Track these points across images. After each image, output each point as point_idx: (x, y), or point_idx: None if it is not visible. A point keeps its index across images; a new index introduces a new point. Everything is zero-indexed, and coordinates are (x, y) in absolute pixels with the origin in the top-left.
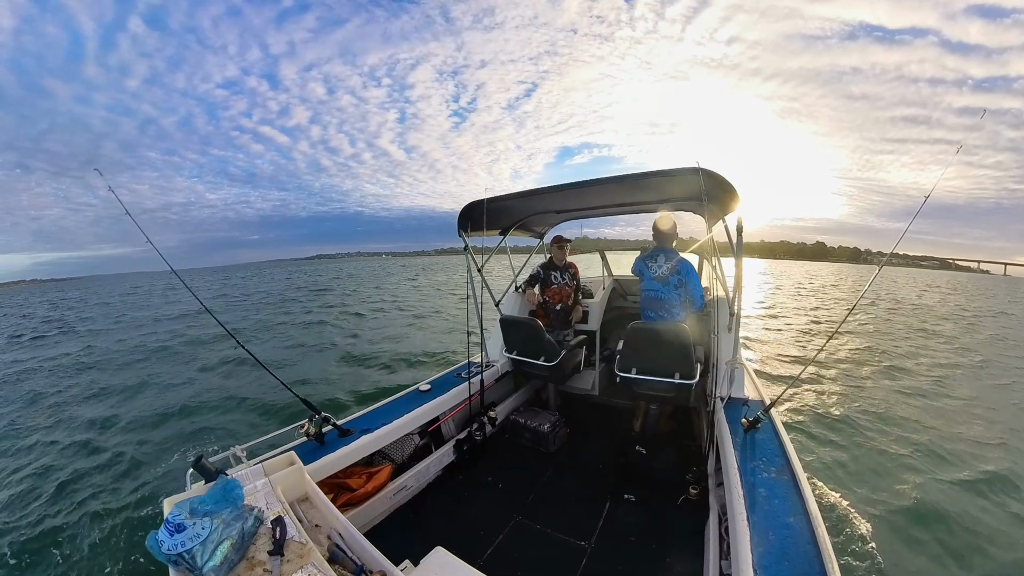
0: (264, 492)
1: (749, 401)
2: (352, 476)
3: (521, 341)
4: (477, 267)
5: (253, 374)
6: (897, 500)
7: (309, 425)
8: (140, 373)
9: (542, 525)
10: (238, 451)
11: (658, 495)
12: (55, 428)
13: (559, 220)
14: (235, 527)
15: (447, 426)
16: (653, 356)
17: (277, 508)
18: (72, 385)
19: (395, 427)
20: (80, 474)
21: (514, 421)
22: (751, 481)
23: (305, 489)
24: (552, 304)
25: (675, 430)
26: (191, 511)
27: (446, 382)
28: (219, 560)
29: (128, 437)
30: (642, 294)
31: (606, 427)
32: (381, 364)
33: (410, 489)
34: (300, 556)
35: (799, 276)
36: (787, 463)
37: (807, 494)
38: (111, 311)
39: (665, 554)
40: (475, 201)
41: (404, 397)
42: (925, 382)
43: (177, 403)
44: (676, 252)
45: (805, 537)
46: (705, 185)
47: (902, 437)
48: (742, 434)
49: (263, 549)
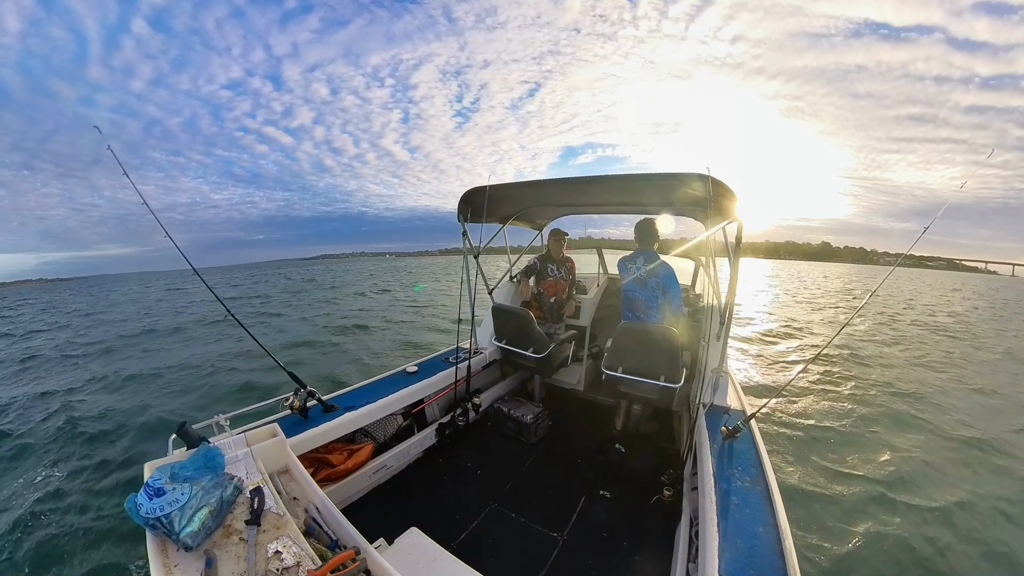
0: (245, 462)
1: (731, 410)
2: (333, 452)
3: (511, 331)
4: (474, 253)
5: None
6: (869, 518)
7: (294, 399)
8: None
9: (517, 514)
10: (221, 419)
11: (633, 494)
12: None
13: (560, 213)
14: (214, 494)
15: (431, 409)
16: (640, 357)
17: (257, 478)
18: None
19: (379, 406)
20: (60, 436)
21: (498, 409)
22: (725, 488)
23: (286, 461)
24: (546, 296)
25: (655, 432)
26: (171, 476)
27: (433, 365)
28: (196, 526)
29: (115, 399)
30: (622, 293)
31: (588, 423)
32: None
33: (390, 469)
34: (276, 527)
35: (812, 277)
36: (762, 474)
37: (778, 506)
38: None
39: (635, 552)
40: (478, 187)
41: (390, 377)
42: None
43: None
44: (656, 255)
45: (772, 548)
46: (712, 192)
47: (891, 453)
48: (721, 442)
49: (240, 518)
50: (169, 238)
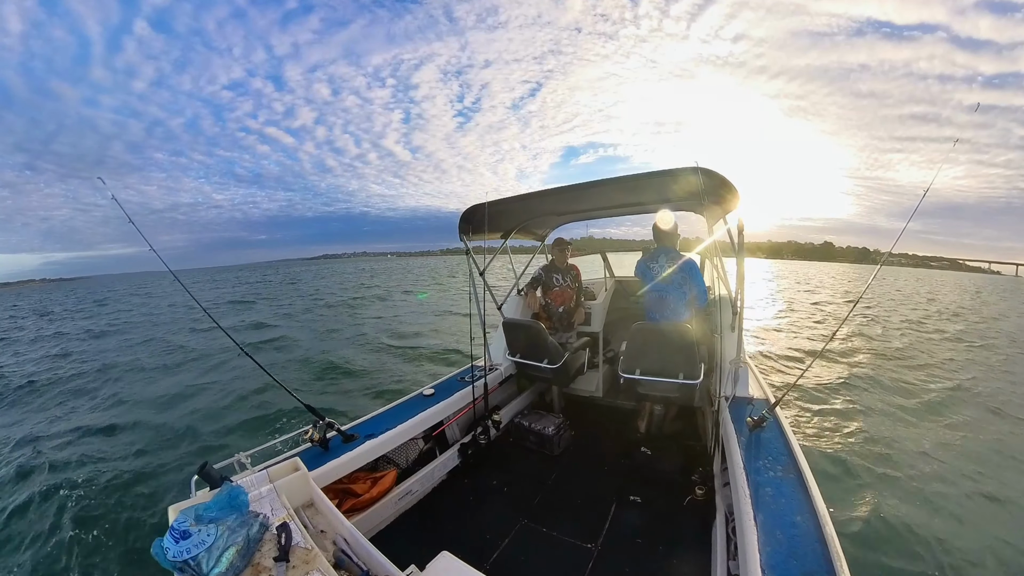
0: (269, 498)
1: (754, 400)
2: (357, 481)
3: (524, 344)
4: (479, 271)
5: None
6: (907, 497)
7: (313, 431)
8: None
9: (548, 528)
10: (243, 457)
11: (664, 496)
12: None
13: (560, 222)
14: (240, 533)
15: (451, 430)
16: (657, 356)
17: (282, 514)
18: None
19: (399, 432)
20: (80, 481)
21: (518, 424)
22: (757, 480)
23: (310, 495)
24: (554, 306)
25: (680, 430)
26: (196, 518)
27: (450, 386)
28: (225, 567)
29: (130, 442)
30: (646, 296)
31: (611, 429)
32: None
33: (415, 494)
34: (306, 562)
35: (819, 278)
36: (793, 461)
37: (814, 492)
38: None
39: (672, 555)
40: (476, 205)
41: (408, 402)
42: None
43: (181, 410)
44: (677, 251)
45: (813, 536)
46: (704, 184)
47: (914, 433)
48: (747, 433)
49: (268, 555)
50: (153, 251)
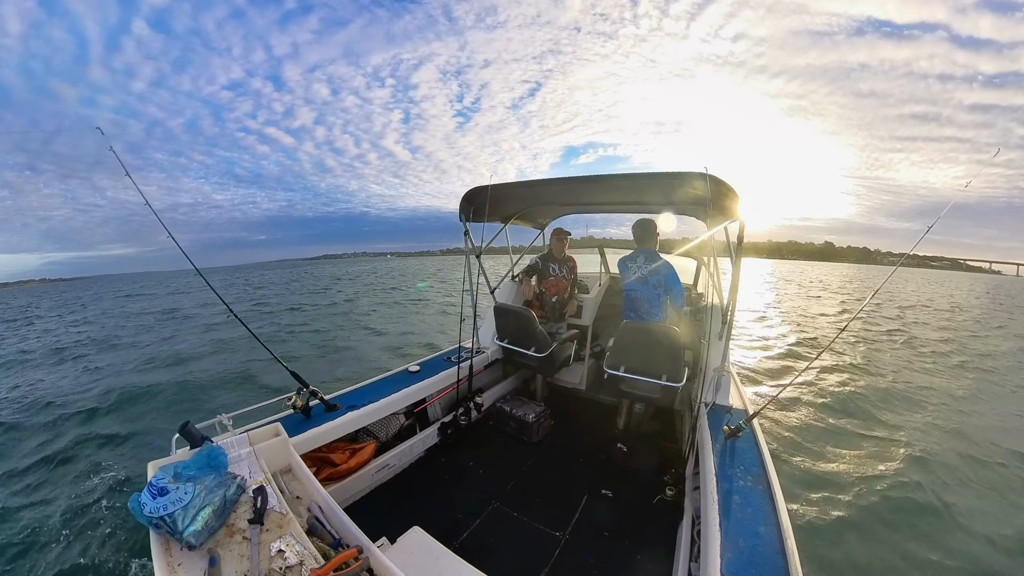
0: (248, 461)
1: (733, 409)
2: (336, 451)
3: (513, 330)
4: (476, 252)
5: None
6: (870, 516)
7: (296, 398)
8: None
9: (519, 513)
10: (224, 419)
11: (635, 493)
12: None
13: (561, 212)
14: (217, 494)
15: (433, 408)
16: (642, 356)
17: (260, 477)
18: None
19: (381, 405)
20: (68, 434)
21: (500, 409)
22: (727, 488)
23: (289, 460)
24: (548, 296)
25: (658, 431)
26: (175, 475)
27: (435, 365)
28: (200, 525)
29: (118, 404)
30: (624, 293)
31: (590, 422)
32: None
33: (392, 468)
34: (279, 526)
35: (828, 279)
36: (764, 473)
37: (780, 505)
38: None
39: (637, 551)
40: (479, 186)
41: (393, 376)
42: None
43: (171, 369)
44: (656, 253)
45: (774, 547)
46: (711, 191)
47: (889, 456)
48: (723, 441)
49: (243, 517)
50: (172, 238)
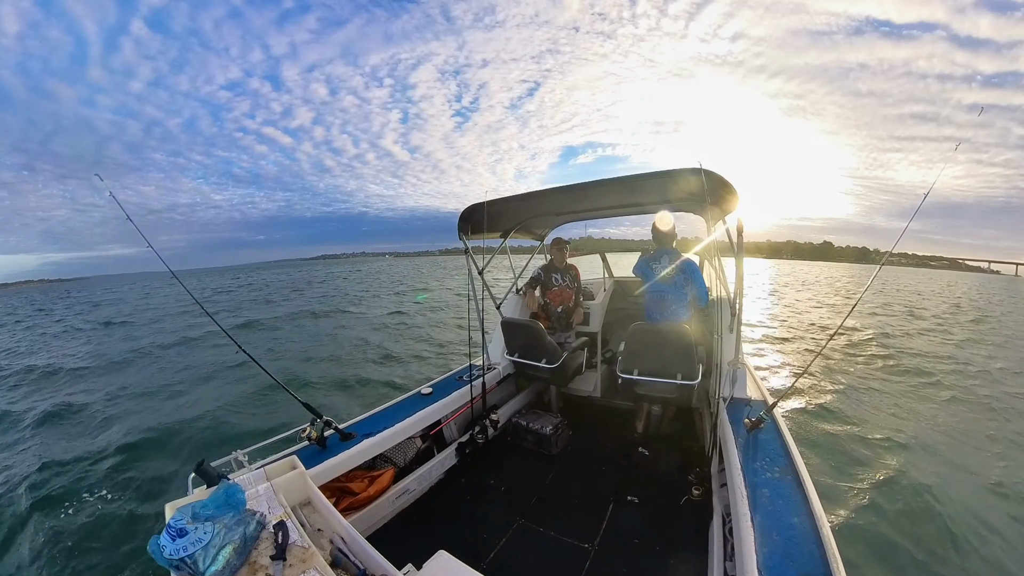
0: (266, 496)
1: (752, 401)
2: (354, 480)
3: (522, 344)
4: (478, 270)
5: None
6: (903, 497)
7: (311, 429)
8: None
9: (545, 528)
10: (240, 455)
11: (661, 496)
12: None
13: (559, 222)
14: (237, 532)
15: (449, 429)
16: (655, 357)
17: (279, 512)
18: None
19: (397, 431)
20: (79, 479)
21: (516, 424)
22: (754, 482)
23: (307, 493)
24: (553, 306)
25: (678, 431)
26: (193, 516)
27: (447, 385)
28: (221, 565)
29: (128, 441)
30: (646, 295)
31: (608, 429)
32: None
33: (412, 493)
34: (302, 560)
35: (830, 282)
36: (790, 463)
37: (811, 494)
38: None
39: (669, 556)
40: (475, 204)
41: (405, 400)
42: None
43: (179, 408)
44: (678, 252)
45: (809, 537)
46: (706, 185)
47: (909, 434)
48: (745, 434)
49: (265, 554)
50: (151, 247)
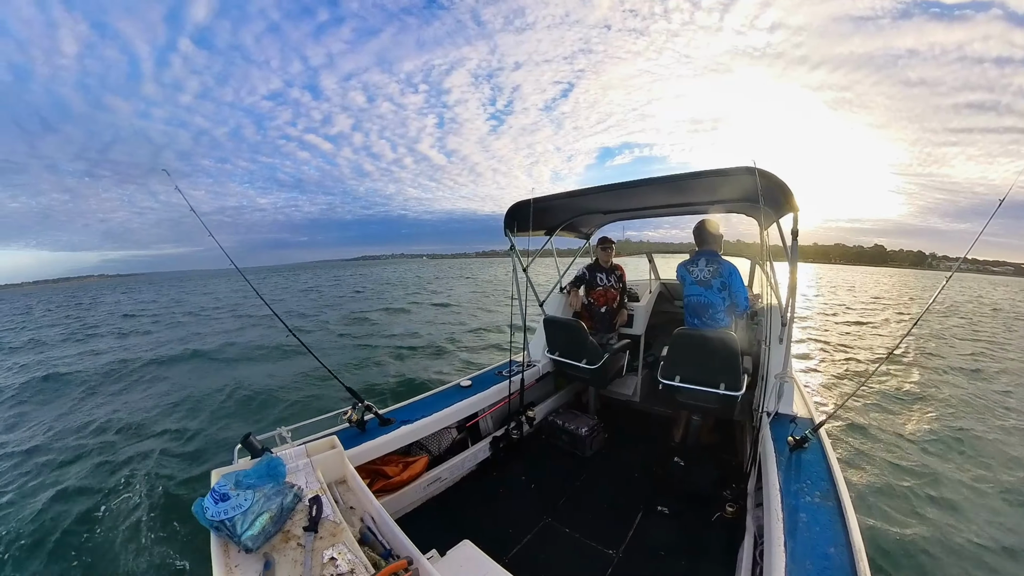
0: (305, 471)
1: (797, 418)
2: (389, 464)
3: (564, 342)
4: (523, 267)
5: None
6: (953, 536)
7: (352, 412)
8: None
9: (571, 529)
10: (284, 431)
11: (693, 510)
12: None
13: (606, 221)
14: (275, 501)
15: (485, 422)
16: (698, 364)
17: (316, 487)
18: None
19: (434, 420)
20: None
21: (552, 422)
22: (793, 504)
23: (343, 472)
24: (597, 306)
25: (716, 443)
26: (236, 483)
27: (487, 379)
28: (257, 530)
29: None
30: (685, 299)
31: (645, 435)
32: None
33: (444, 481)
34: (333, 534)
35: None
36: (833, 488)
37: (852, 524)
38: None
39: (694, 573)
40: (522, 201)
41: (445, 391)
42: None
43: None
44: (718, 255)
45: (845, 571)
46: (760, 186)
47: (972, 470)
48: (787, 453)
49: (299, 524)
50: (213, 238)
